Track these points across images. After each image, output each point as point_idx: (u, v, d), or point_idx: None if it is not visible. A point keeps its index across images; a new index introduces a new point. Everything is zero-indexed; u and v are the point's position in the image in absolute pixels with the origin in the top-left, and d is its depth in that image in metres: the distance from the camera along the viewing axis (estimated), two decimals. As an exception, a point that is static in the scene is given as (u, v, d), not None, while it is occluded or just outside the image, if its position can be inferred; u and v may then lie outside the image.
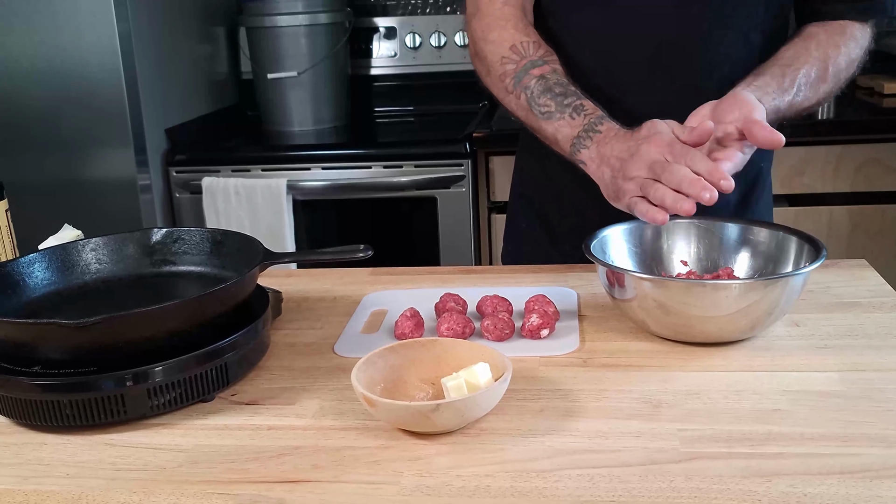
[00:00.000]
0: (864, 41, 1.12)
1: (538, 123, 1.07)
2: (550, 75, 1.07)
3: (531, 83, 1.07)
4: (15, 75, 2.02)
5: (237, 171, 2.18)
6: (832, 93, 1.10)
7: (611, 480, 0.65)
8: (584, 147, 1.01)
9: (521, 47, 1.09)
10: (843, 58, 1.09)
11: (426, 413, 0.70)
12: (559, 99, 1.04)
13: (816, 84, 1.06)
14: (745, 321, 0.85)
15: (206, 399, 0.80)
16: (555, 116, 1.04)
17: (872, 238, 2.11)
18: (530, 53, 1.09)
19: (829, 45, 1.08)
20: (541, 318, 0.90)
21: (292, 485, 0.67)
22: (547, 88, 1.06)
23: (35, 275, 0.92)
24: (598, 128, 1.00)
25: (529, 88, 1.07)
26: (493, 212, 2.18)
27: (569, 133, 1.02)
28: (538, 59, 1.08)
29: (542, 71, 1.07)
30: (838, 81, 1.10)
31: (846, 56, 1.09)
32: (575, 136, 1.02)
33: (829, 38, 1.09)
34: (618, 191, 0.95)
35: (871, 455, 0.67)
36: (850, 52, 1.10)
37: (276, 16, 2.35)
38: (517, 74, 1.08)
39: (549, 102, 1.05)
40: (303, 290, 1.09)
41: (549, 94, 1.05)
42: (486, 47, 1.12)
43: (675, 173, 0.88)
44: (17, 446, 0.74)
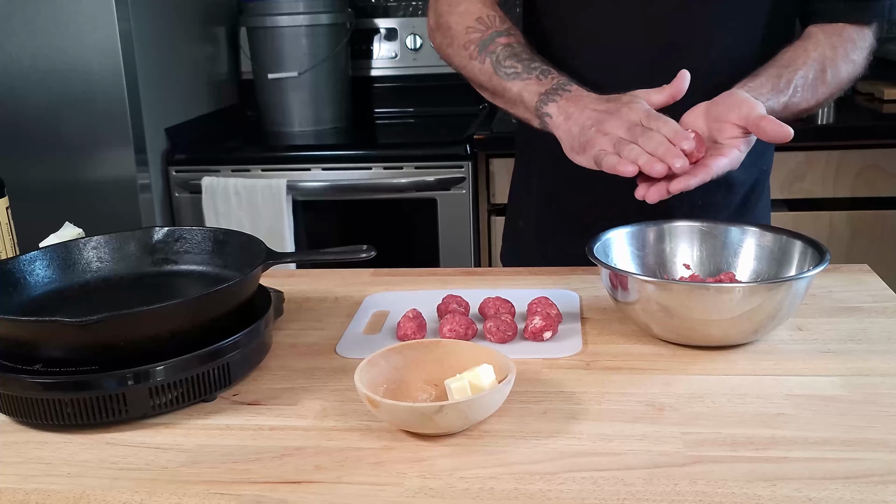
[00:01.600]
0: (863, 43, 1.11)
1: (502, 84, 1.07)
2: (516, 45, 1.09)
3: (497, 49, 1.09)
4: (16, 75, 2.01)
5: (237, 171, 2.17)
6: (832, 95, 1.10)
7: (615, 483, 0.65)
8: (552, 101, 1.02)
9: (488, 19, 1.11)
10: (842, 60, 1.08)
11: (430, 414, 0.69)
12: (526, 63, 1.06)
13: (814, 86, 1.06)
14: (749, 325, 0.85)
15: (208, 399, 0.80)
16: (521, 76, 1.05)
17: (873, 243, 2.11)
18: (496, 25, 1.11)
19: (826, 46, 1.08)
20: (543, 320, 0.90)
21: (295, 485, 0.66)
22: (513, 54, 1.08)
23: (36, 273, 0.92)
24: (567, 87, 1.02)
25: (495, 53, 1.08)
26: (493, 214, 2.18)
27: (536, 90, 1.03)
28: (503, 30, 1.10)
29: (508, 40, 1.09)
30: (839, 84, 1.09)
31: (845, 58, 1.09)
32: (542, 93, 1.03)
33: (828, 40, 1.09)
34: (587, 143, 0.95)
35: (875, 460, 0.67)
36: (848, 53, 1.09)
37: (277, 16, 2.35)
38: (482, 42, 1.10)
39: (516, 65, 1.06)
40: (304, 291, 1.09)
41: (516, 58, 1.07)
42: (452, 18, 1.14)
43: (653, 138, 0.90)
44: (19, 445, 0.74)
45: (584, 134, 0.96)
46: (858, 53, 1.10)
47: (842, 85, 1.10)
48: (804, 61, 1.06)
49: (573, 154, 0.98)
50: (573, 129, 0.98)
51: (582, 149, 0.96)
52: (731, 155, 0.93)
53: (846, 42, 1.09)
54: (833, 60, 1.07)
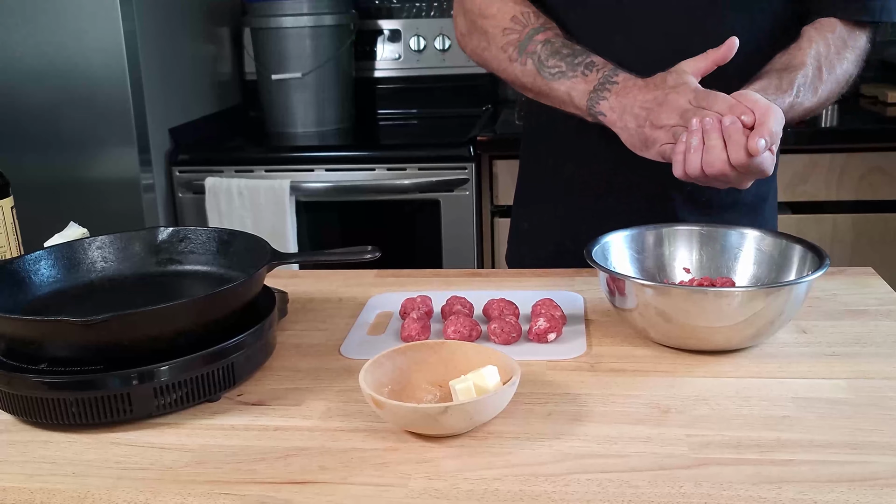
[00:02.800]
0: (854, 43, 1.10)
1: (548, 86, 1.07)
2: (555, 39, 1.08)
3: (537, 48, 1.08)
4: (20, 74, 2.02)
5: (240, 171, 2.17)
6: (831, 93, 1.09)
7: (620, 485, 0.65)
8: (602, 99, 1.01)
9: (523, 17, 1.10)
10: (836, 57, 1.08)
11: (435, 415, 0.69)
12: (569, 59, 1.05)
13: (814, 84, 1.06)
14: (748, 330, 0.84)
15: (213, 399, 0.80)
16: (567, 75, 1.04)
17: (876, 247, 2.11)
18: (532, 22, 1.10)
19: (820, 43, 1.08)
20: (548, 321, 0.90)
21: (300, 486, 0.66)
22: (554, 51, 1.06)
23: (41, 272, 0.92)
24: (613, 79, 1.01)
25: (536, 53, 1.07)
26: (497, 215, 2.18)
27: (584, 88, 1.03)
28: (539, 26, 1.09)
29: (546, 36, 1.08)
30: (836, 81, 1.09)
31: (838, 55, 1.08)
32: (591, 91, 1.02)
33: (821, 37, 1.08)
34: (646, 140, 0.96)
35: (880, 463, 0.67)
36: (840, 51, 1.09)
37: (281, 17, 2.35)
38: (521, 43, 1.09)
39: (559, 63, 1.05)
40: (308, 292, 1.09)
41: (558, 55, 1.06)
42: (486, 22, 1.13)
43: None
44: (23, 444, 0.74)
45: (641, 132, 0.97)
46: (851, 52, 1.10)
47: (839, 83, 1.10)
48: (801, 61, 1.06)
49: (639, 150, 0.99)
50: (629, 124, 0.98)
51: (644, 146, 0.97)
52: None
53: (838, 40, 1.09)
54: (827, 58, 1.07)
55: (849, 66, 1.11)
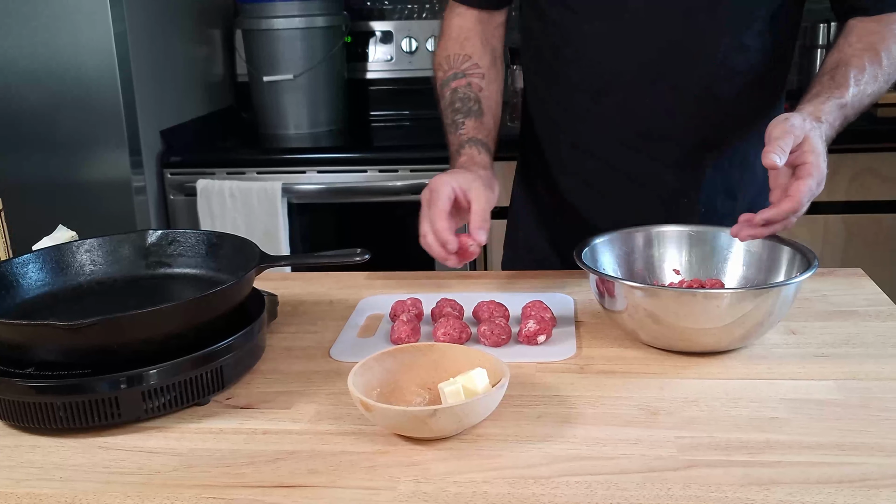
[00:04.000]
0: None
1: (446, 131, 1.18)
2: (463, 89, 1.17)
3: (446, 94, 1.19)
4: (10, 76, 2.01)
5: (232, 173, 2.17)
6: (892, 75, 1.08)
7: (609, 487, 0.65)
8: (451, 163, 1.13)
9: (452, 59, 1.20)
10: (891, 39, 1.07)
11: (423, 418, 0.69)
12: (453, 115, 1.16)
13: (872, 71, 1.05)
14: (737, 331, 0.84)
15: (201, 402, 0.80)
16: (449, 130, 1.17)
17: (867, 247, 2.11)
18: (455, 65, 1.20)
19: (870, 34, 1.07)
20: (538, 323, 0.90)
21: (288, 489, 0.66)
22: (451, 102, 1.17)
23: (29, 275, 0.91)
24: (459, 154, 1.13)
25: (444, 99, 1.19)
26: (489, 217, 2.18)
27: (450, 149, 1.16)
28: (460, 71, 1.19)
29: (458, 84, 1.18)
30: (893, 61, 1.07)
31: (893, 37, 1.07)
32: (450, 153, 1.16)
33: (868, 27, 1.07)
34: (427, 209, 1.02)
35: (869, 464, 0.67)
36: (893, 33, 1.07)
37: (273, 18, 2.34)
38: (441, 84, 1.21)
39: (448, 115, 1.17)
40: (298, 294, 1.09)
41: (451, 107, 1.17)
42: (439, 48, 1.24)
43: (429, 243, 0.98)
44: (11, 448, 0.74)
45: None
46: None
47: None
48: (852, 53, 1.05)
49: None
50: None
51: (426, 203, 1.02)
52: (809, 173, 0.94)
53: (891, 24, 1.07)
54: (883, 43, 1.06)
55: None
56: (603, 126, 1.17)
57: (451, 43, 1.22)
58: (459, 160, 1.12)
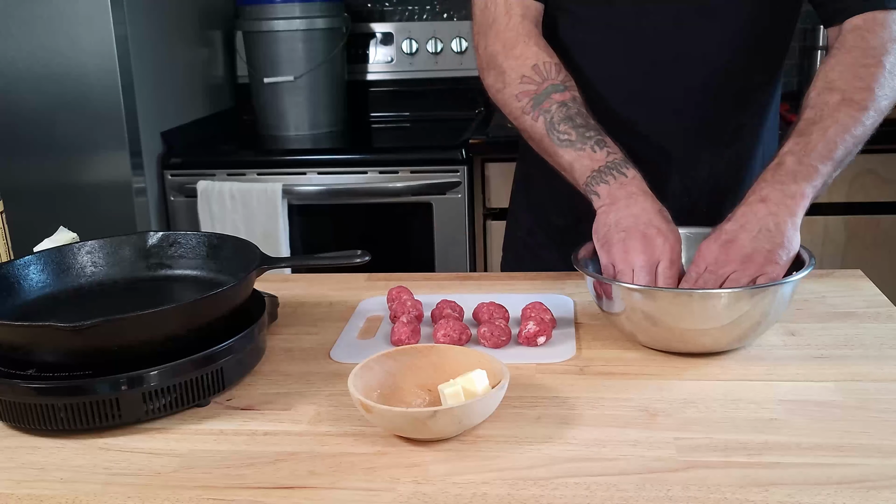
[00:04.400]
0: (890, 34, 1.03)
1: (554, 149, 1.04)
2: (571, 103, 1.04)
3: (552, 107, 1.04)
4: (11, 78, 2.01)
5: (232, 175, 2.17)
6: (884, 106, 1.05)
7: (608, 489, 0.65)
8: (603, 182, 0.98)
9: (544, 68, 1.06)
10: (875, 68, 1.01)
11: (423, 420, 0.69)
12: (581, 130, 1.02)
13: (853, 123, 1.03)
14: (734, 332, 0.84)
15: (202, 404, 0.80)
16: (576, 146, 1.01)
17: (867, 248, 2.11)
18: (552, 76, 1.06)
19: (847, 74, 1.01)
20: (537, 325, 0.90)
21: (288, 491, 0.66)
22: (568, 117, 1.03)
23: (30, 277, 0.91)
24: (623, 170, 0.98)
25: (550, 112, 1.04)
26: (489, 218, 2.18)
27: (588, 165, 1.00)
28: (560, 83, 1.05)
29: (564, 97, 1.04)
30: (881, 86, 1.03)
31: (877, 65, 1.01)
32: (595, 170, 0.99)
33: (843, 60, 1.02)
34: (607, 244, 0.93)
35: (868, 465, 0.67)
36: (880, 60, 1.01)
37: (273, 20, 2.35)
38: (537, 97, 1.05)
39: (570, 131, 1.02)
40: (298, 295, 1.09)
41: (570, 122, 1.02)
42: (507, 62, 1.08)
43: None
44: (11, 450, 0.74)
45: (611, 234, 0.93)
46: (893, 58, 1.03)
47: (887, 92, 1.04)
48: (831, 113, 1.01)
49: (594, 234, 0.96)
50: (610, 218, 0.95)
51: (602, 243, 0.94)
52: None
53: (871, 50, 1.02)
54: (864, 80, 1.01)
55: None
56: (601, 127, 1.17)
57: (531, 50, 1.07)
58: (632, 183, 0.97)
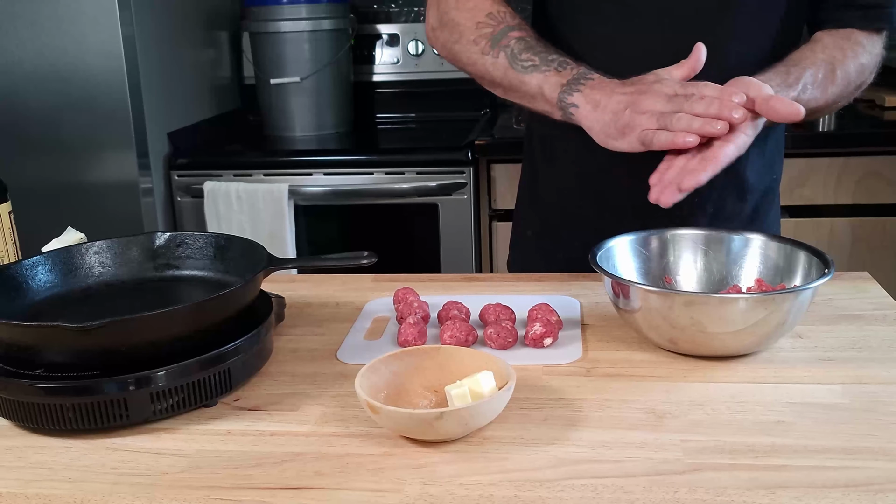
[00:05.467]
0: (872, 48, 1.11)
1: (519, 78, 1.05)
2: (529, 38, 1.07)
3: (510, 42, 1.06)
4: (19, 78, 2.02)
5: (239, 175, 2.18)
6: (842, 95, 1.09)
7: (615, 491, 0.65)
8: (576, 91, 0.99)
9: (498, 14, 1.10)
10: (851, 61, 1.08)
11: (430, 421, 0.69)
12: (542, 55, 1.04)
13: (824, 84, 1.05)
14: (752, 337, 0.84)
15: (209, 404, 0.80)
16: (540, 69, 1.03)
17: (874, 251, 2.11)
18: (507, 20, 1.09)
19: (834, 48, 1.08)
20: (544, 326, 0.90)
21: (295, 491, 0.66)
22: (528, 46, 1.06)
23: (38, 277, 0.92)
24: (588, 76, 1.00)
25: (509, 47, 1.06)
26: (495, 219, 2.19)
27: (556, 81, 1.01)
28: (515, 25, 1.09)
29: (521, 34, 1.07)
30: (848, 85, 1.08)
31: (854, 59, 1.08)
32: (564, 83, 1.01)
33: (835, 42, 1.09)
34: (625, 127, 0.93)
35: (875, 468, 0.67)
36: (857, 56, 1.09)
37: (280, 21, 2.35)
38: (494, 36, 1.08)
39: (533, 58, 1.04)
40: (305, 296, 1.09)
41: (531, 50, 1.05)
42: (460, 14, 1.12)
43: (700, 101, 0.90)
44: (20, 449, 0.74)
45: (619, 118, 0.94)
46: (867, 57, 1.10)
47: (851, 86, 1.09)
48: (812, 61, 1.05)
49: (610, 140, 0.96)
50: (604, 116, 0.96)
51: (620, 133, 0.94)
52: (738, 140, 0.91)
53: (855, 45, 1.09)
54: (842, 61, 1.07)
55: (864, 71, 1.10)
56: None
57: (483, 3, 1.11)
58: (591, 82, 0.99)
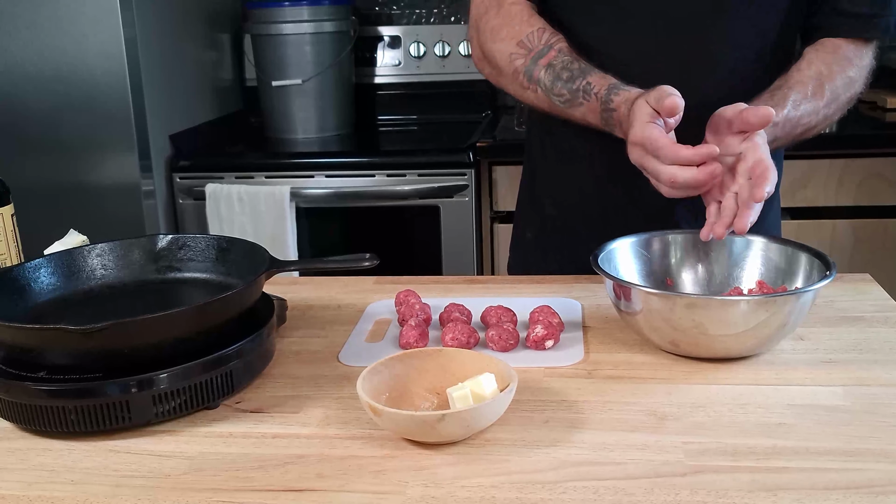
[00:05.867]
0: (860, 62, 1.11)
1: (564, 112, 1.09)
2: (556, 60, 1.08)
3: (541, 75, 1.08)
4: (20, 80, 2.02)
5: (241, 177, 2.18)
6: (834, 110, 1.09)
7: (616, 493, 0.65)
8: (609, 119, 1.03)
9: (527, 40, 1.10)
10: (839, 76, 1.08)
11: (432, 423, 0.70)
12: (568, 85, 1.06)
13: (813, 101, 1.05)
14: (753, 340, 0.84)
15: (211, 406, 0.80)
16: (574, 103, 1.06)
17: (875, 252, 2.11)
18: (535, 44, 1.10)
19: (820, 63, 1.08)
20: (545, 328, 0.90)
21: (297, 493, 0.66)
22: (556, 77, 1.07)
23: (41, 280, 0.92)
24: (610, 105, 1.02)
25: (541, 81, 1.08)
26: (496, 221, 2.19)
27: (594, 116, 1.05)
28: (543, 46, 1.09)
29: (549, 59, 1.08)
30: (836, 98, 1.08)
31: (841, 73, 1.09)
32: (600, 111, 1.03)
33: (820, 58, 1.09)
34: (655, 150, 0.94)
35: (876, 470, 0.67)
36: (844, 70, 1.09)
37: (282, 23, 2.36)
38: (527, 69, 1.10)
39: (562, 91, 1.06)
40: (307, 298, 1.09)
41: (559, 81, 1.07)
42: (494, 47, 1.13)
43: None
44: (22, 452, 0.74)
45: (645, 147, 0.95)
46: (855, 71, 1.10)
47: (840, 102, 1.09)
48: (797, 79, 1.06)
49: None
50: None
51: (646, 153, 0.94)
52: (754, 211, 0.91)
53: (841, 60, 1.09)
54: (829, 77, 1.07)
55: (853, 85, 1.10)
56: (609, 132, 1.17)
57: (518, 26, 1.11)
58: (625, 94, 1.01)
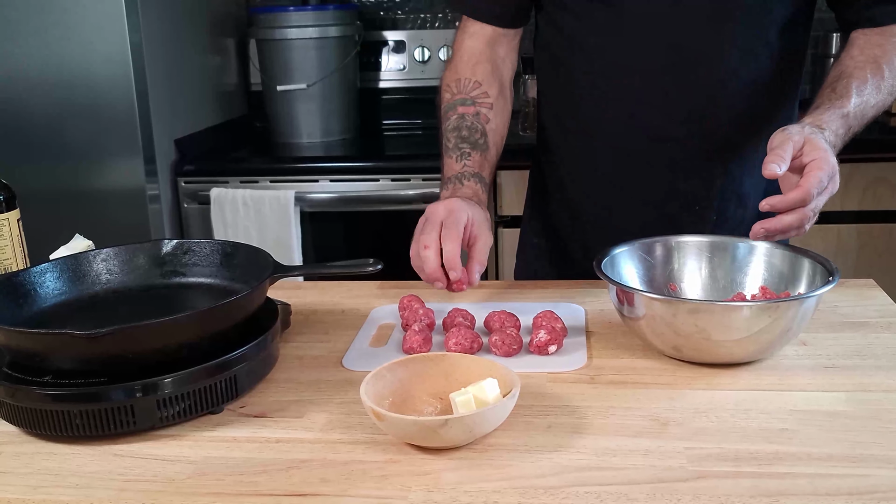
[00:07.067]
0: None
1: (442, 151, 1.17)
2: (471, 118, 1.16)
3: (451, 117, 1.17)
4: (26, 85, 2.03)
5: (245, 182, 2.18)
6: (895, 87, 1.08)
7: (618, 498, 0.65)
8: (444, 188, 1.11)
9: (462, 83, 1.19)
10: (893, 54, 1.08)
11: (435, 428, 0.70)
12: (457, 141, 1.15)
13: (874, 79, 1.05)
14: (756, 345, 0.84)
15: (215, 411, 0.81)
16: (448, 153, 1.15)
17: (880, 257, 2.10)
18: (465, 90, 1.18)
19: (873, 46, 1.08)
20: (549, 333, 0.91)
21: (301, 498, 0.67)
22: (457, 127, 1.16)
23: (46, 285, 0.92)
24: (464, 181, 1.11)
25: (449, 121, 1.17)
26: (501, 226, 2.19)
27: (446, 172, 1.13)
28: (469, 98, 1.18)
29: (466, 111, 1.17)
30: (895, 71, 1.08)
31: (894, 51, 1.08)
32: (447, 177, 1.13)
33: (870, 40, 1.09)
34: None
35: (879, 476, 0.67)
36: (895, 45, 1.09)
37: (287, 28, 2.36)
38: (447, 105, 1.19)
39: (451, 139, 1.15)
40: (311, 303, 1.10)
41: (456, 132, 1.15)
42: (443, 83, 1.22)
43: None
44: (28, 455, 0.75)
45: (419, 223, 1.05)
46: None
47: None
48: (854, 66, 1.06)
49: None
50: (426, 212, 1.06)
51: None
52: None
53: (892, 37, 1.09)
54: (884, 55, 1.07)
55: None
56: (613, 135, 1.17)
57: (462, 66, 1.20)
58: (461, 191, 1.10)
